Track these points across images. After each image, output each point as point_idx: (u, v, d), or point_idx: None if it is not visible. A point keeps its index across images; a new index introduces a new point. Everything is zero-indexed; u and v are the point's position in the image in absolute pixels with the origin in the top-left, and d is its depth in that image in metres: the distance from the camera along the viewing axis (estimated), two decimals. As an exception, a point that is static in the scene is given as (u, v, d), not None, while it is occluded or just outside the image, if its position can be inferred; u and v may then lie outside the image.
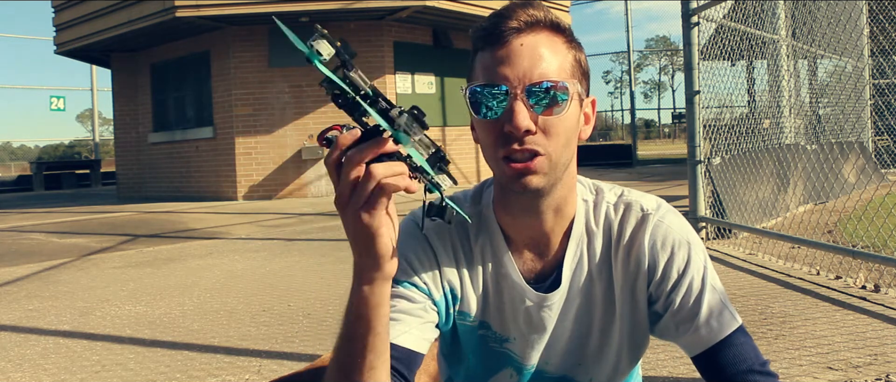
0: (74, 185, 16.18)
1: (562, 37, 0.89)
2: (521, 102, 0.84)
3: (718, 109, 4.95)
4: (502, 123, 0.85)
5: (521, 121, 0.83)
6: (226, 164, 9.82)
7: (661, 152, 27.04)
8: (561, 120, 0.86)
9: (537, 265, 0.97)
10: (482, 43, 0.89)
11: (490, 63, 0.87)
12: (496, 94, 0.85)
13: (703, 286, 0.92)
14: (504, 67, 0.85)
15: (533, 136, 0.85)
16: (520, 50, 0.85)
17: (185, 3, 8.83)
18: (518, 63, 0.85)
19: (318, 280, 3.79)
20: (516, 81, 0.84)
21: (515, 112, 0.83)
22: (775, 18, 5.63)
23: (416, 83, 10.25)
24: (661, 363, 2.17)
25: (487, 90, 0.85)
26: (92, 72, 19.71)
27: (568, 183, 0.93)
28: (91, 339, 2.79)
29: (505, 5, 0.89)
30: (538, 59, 0.85)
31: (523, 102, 0.84)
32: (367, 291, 0.76)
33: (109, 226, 7.18)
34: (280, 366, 2.34)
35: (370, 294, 0.76)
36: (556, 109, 0.85)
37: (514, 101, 0.84)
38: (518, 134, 0.84)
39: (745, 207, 4.69)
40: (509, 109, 0.84)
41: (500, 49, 0.86)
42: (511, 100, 0.84)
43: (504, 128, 0.85)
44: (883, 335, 2.37)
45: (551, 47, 0.87)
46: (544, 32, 0.88)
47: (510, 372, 1.02)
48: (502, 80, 0.85)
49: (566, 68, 0.87)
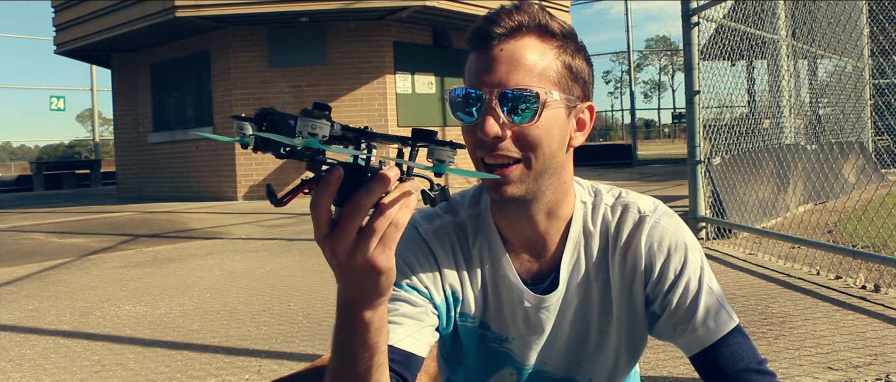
0: (74, 185, 16.18)
1: (552, 41, 0.88)
2: (491, 110, 0.84)
3: (718, 109, 4.95)
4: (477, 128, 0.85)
5: (489, 128, 0.83)
6: (226, 164, 9.82)
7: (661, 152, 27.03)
8: (536, 128, 0.85)
9: (535, 266, 0.98)
10: (470, 45, 0.89)
11: (473, 68, 0.87)
12: (472, 99, 0.85)
13: (699, 287, 0.92)
14: (483, 72, 0.86)
15: (505, 143, 0.85)
16: (499, 56, 0.85)
17: (185, 3, 8.83)
18: (495, 70, 0.85)
19: (318, 280, 3.79)
20: (492, 87, 0.84)
21: (484, 120, 0.83)
22: (775, 18, 5.63)
23: (416, 83, 10.25)
24: (661, 363, 2.17)
25: (465, 94, 0.86)
26: (92, 72, 19.71)
27: (559, 188, 0.93)
28: (91, 339, 2.79)
29: (495, 9, 0.89)
30: (515, 66, 0.85)
31: (494, 109, 0.84)
32: (369, 316, 0.69)
33: (109, 226, 7.18)
34: (280, 366, 2.34)
35: (374, 318, 0.69)
36: (528, 117, 0.84)
37: (487, 108, 0.84)
38: (488, 140, 0.84)
39: (745, 207, 4.69)
40: (482, 115, 0.84)
41: (482, 54, 0.87)
42: (484, 106, 0.84)
43: (476, 133, 0.85)
44: (883, 335, 2.37)
45: (536, 53, 0.86)
46: (530, 37, 0.86)
47: (510, 371, 1.02)
48: (480, 85, 0.85)
49: (548, 75, 0.86)
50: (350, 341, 0.71)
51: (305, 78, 9.69)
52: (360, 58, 9.79)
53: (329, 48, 9.75)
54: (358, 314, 0.69)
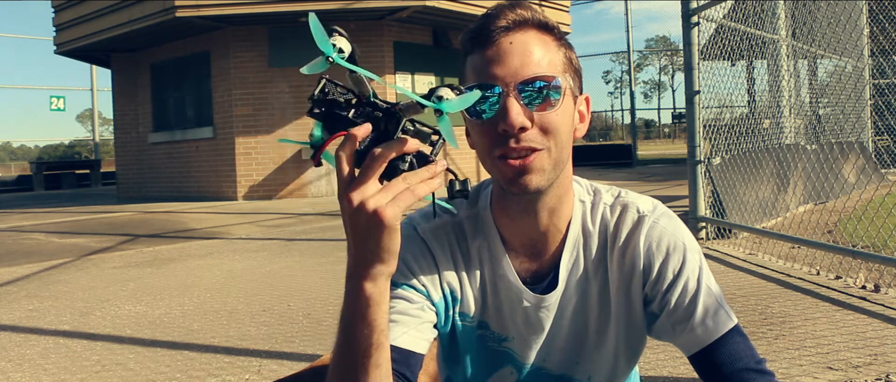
0: (74, 185, 16.18)
1: (551, 35, 0.89)
2: (513, 100, 0.84)
3: (718, 109, 4.95)
4: (497, 122, 0.84)
5: (514, 118, 0.83)
6: (226, 164, 9.82)
7: (661, 152, 27.04)
8: (556, 115, 0.86)
9: (534, 265, 0.98)
10: (471, 45, 0.89)
11: (480, 64, 0.87)
12: (488, 94, 0.84)
13: (698, 287, 0.93)
14: (495, 66, 0.85)
15: (528, 133, 0.84)
16: (509, 48, 0.86)
17: (185, 3, 8.83)
18: (508, 61, 0.85)
19: (318, 280, 3.79)
20: (508, 79, 0.84)
21: (509, 110, 0.83)
22: (775, 18, 5.63)
23: (416, 83, 10.25)
24: (661, 363, 2.17)
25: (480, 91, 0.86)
26: (92, 72, 19.70)
27: (563, 183, 0.93)
28: (91, 339, 2.79)
29: (492, 8, 0.89)
30: (529, 56, 0.85)
31: (516, 99, 0.84)
32: (369, 289, 0.72)
33: (109, 226, 7.18)
34: (280, 366, 2.34)
35: (373, 292, 0.73)
36: (551, 104, 0.85)
37: (507, 99, 0.84)
38: (513, 132, 0.83)
39: (745, 207, 4.69)
40: (503, 107, 0.84)
41: (489, 49, 0.86)
42: (504, 98, 0.84)
43: (498, 128, 0.84)
44: (883, 335, 2.37)
45: (541, 45, 0.87)
46: (533, 31, 0.88)
47: (510, 370, 1.03)
48: (494, 79, 0.85)
49: (557, 65, 0.88)
50: (353, 315, 0.74)
51: (306, 78, 9.65)
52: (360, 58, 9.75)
53: (329, 48, 9.74)
54: (360, 284, 0.72)
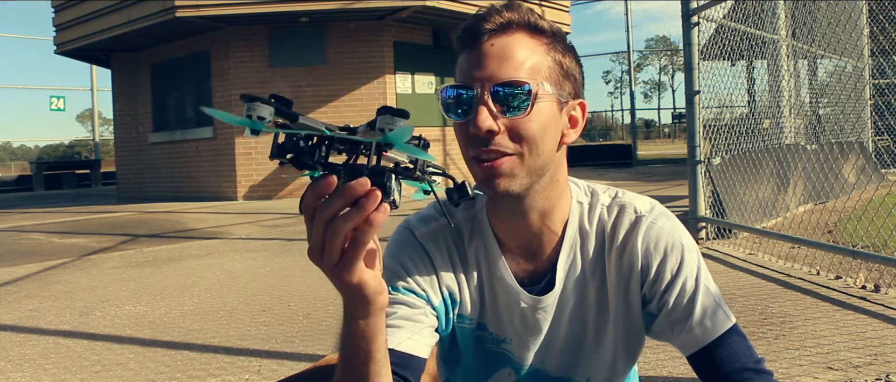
0: (74, 185, 16.18)
1: (541, 38, 0.88)
2: (484, 104, 0.84)
3: (718, 109, 4.95)
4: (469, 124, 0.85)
5: (482, 122, 0.83)
6: (226, 164, 9.82)
7: (661, 152, 27.03)
8: (528, 121, 0.85)
9: (531, 266, 0.98)
10: (460, 45, 0.89)
11: (464, 65, 0.88)
12: (464, 96, 0.85)
13: (696, 287, 0.92)
14: (474, 68, 0.86)
15: (498, 137, 0.85)
16: (490, 51, 0.86)
17: (185, 3, 8.83)
18: (486, 65, 0.85)
19: (318, 280, 3.79)
20: (483, 81, 0.84)
21: (477, 113, 0.83)
22: (775, 18, 5.63)
23: (416, 83, 10.25)
24: (660, 363, 2.17)
25: (457, 92, 0.86)
26: (92, 72, 19.71)
27: (553, 187, 0.93)
28: (91, 339, 2.79)
29: (483, 9, 0.89)
30: (506, 60, 0.85)
31: (487, 103, 0.84)
32: (362, 325, 0.73)
33: (109, 226, 7.18)
34: (280, 366, 2.34)
35: (365, 328, 0.73)
36: (521, 110, 0.84)
37: (479, 102, 0.84)
38: (480, 134, 0.84)
39: (745, 207, 4.69)
40: (474, 110, 0.84)
41: (473, 51, 0.87)
42: (476, 101, 0.84)
43: (469, 129, 0.85)
44: (883, 335, 2.37)
45: (525, 48, 0.86)
46: (519, 33, 0.87)
47: (508, 371, 1.03)
48: (471, 81, 0.85)
49: (540, 70, 0.86)
50: (349, 345, 0.75)
51: (305, 78, 9.69)
52: (360, 58, 9.79)
53: (329, 48, 9.75)
54: (354, 323, 0.73)
